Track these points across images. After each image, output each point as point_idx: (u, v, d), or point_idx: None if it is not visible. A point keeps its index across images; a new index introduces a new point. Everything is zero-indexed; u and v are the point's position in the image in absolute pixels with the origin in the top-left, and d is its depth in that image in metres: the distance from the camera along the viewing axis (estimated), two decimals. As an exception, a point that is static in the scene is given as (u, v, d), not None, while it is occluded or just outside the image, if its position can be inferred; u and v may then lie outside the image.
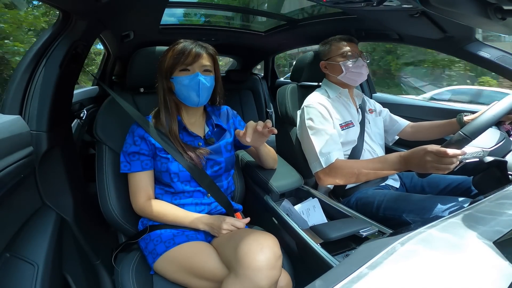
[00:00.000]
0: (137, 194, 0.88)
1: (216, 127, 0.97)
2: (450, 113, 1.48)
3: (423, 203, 0.92)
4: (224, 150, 0.94)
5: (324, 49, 1.20)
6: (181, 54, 0.84)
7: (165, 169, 0.87)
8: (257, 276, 0.62)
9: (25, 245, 0.77)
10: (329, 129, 1.08)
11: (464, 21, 0.77)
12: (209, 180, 0.91)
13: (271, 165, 1.08)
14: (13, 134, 0.72)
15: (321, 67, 1.22)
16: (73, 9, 0.84)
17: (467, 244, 0.44)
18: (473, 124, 0.83)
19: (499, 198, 0.59)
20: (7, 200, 0.70)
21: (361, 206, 1.05)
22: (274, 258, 0.65)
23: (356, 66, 1.13)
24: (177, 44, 0.87)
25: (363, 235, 0.82)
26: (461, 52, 1.17)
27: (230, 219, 0.83)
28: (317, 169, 1.06)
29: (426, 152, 0.82)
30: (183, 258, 0.78)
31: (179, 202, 0.89)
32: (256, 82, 2.69)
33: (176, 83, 0.87)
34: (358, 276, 0.39)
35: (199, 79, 0.85)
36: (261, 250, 0.65)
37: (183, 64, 0.84)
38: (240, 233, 0.76)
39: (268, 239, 0.70)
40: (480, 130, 0.81)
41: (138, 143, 0.88)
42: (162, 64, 0.88)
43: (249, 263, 0.63)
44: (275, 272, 0.65)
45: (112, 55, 1.84)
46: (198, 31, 1.93)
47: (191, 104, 0.89)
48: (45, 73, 0.83)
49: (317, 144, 1.06)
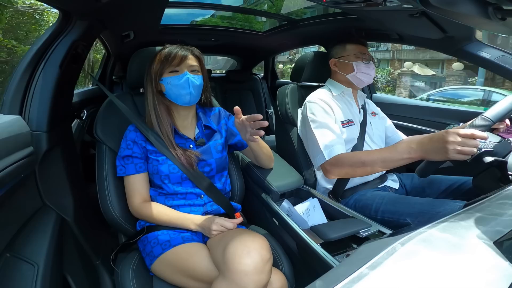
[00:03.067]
0: (133, 196, 0.90)
1: (206, 128, 0.99)
2: (450, 113, 1.48)
3: (422, 207, 0.92)
4: (214, 151, 0.95)
5: (339, 48, 1.20)
6: (168, 56, 0.87)
7: (156, 171, 0.89)
8: (243, 280, 0.61)
9: (26, 245, 0.77)
10: (332, 123, 1.08)
11: (464, 21, 0.77)
12: (208, 182, 0.92)
13: (267, 163, 1.07)
14: (13, 134, 0.72)
15: (330, 64, 1.22)
16: (73, 9, 0.84)
17: (468, 244, 0.44)
18: (495, 107, 0.82)
19: (500, 198, 0.59)
20: (8, 200, 0.70)
21: (359, 208, 1.05)
22: (261, 262, 0.64)
23: (367, 68, 1.14)
24: (164, 49, 0.90)
25: (363, 235, 0.82)
26: (461, 52, 1.17)
27: (220, 219, 0.83)
28: (321, 162, 1.04)
29: (448, 133, 0.76)
30: (178, 260, 0.78)
31: (172, 204, 0.90)
32: (256, 82, 2.69)
33: (166, 84, 0.89)
34: (358, 276, 0.38)
35: (188, 78, 0.88)
36: (247, 253, 0.64)
37: (171, 65, 0.88)
38: (229, 234, 0.76)
39: (256, 242, 0.68)
40: (502, 113, 0.80)
41: (131, 146, 0.90)
42: (151, 68, 0.91)
43: (235, 267, 0.63)
44: (263, 276, 0.64)
45: (112, 56, 1.84)
46: (198, 31, 1.93)
47: (182, 103, 0.91)
48: (45, 73, 0.83)
49: (320, 137, 1.05)
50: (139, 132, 0.91)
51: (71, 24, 0.86)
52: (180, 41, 0.93)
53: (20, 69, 0.82)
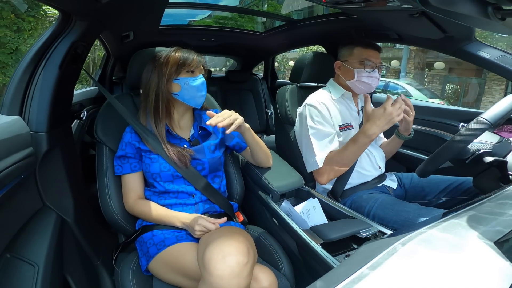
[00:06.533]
0: (127, 194, 0.93)
1: (202, 129, 1.00)
2: (450, 113, 1.48)
3: (408, 215, 0.94)
4: (207, 151, 0.96)
5: (346, 51, 1.17)
6: (186, 59, 0.90)
7: (147, 169, 0.92)
8: (220, 284, 0.62)
9: (26, 246, 0.77)
10: (329, 129, 1.09)
11: (463, 21, 0.77)
12: (204, 181, 0.93)
13: (265, 160, 1.07)
14: (13, 135, 0.72)
15: (335, 66, 1.20)
16: (73, 10, 0.84)
17: (468, 244, 0.44)
18: (493, 108, 0.82)
19: (500, 198, 0.59)
20: (8, 201, 0.70)
21: (354, 209, 1.06)
22: (237, 266, 0.64)
23: (369, 77, 1.11)
24: (176, 52, 0.92)
25: (364, 236, 0.82)
26: (461, 52, 1.17)
27: (202, 220, 0.83)
28: (313, 168, 1.10)
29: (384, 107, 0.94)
30: (171, 260, 0.80)
31: (164, 203, 0.92)
32: (256, 83, 2.69)
33: (182, 84, 0.90)
34: (359, 277, 0.38)
35: (203, 81, 0.93)
36: (222, 258, 0.64)
37: (189, 66, 0.90)
38: (210, 236, 0.76)
39: (232, 246, 0.68)
40: (500, 115, 0.80)
41: (124, 147, 0.92)
42: (163, 66, 0.90)
43: (211, 271, 0.63)
44: (240, 280, 0.63)
45: (112, 56, 1.84)
46: (198, 32, 1.93)
47: (194, 104, 0.94)
48: (45, 74, 0.83)
49: (316, 144, 1.08)
50: (134, 133, 0.93)
51: (71, 25, 0.86)
52: (182, 43, 0.93)
53: (20, 69, 0.82)
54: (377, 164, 1.19)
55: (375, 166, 1.18)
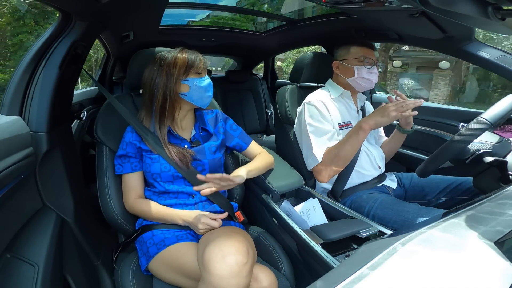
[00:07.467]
0: (128, 193, 0.93)
1: (203, 130, 1.00)
2: (450, 113, 1.48)
3: (407, 215, 0.94)
4: (208, 152, 0.96)
5: (342, 50, 1.19)
6: (194, 61, 0.90)
7: (148, 169, 0.91)
8: (219, 283, 0.62)
9: (26, 246, 0.77)
10: (328, 127, 1.10)
11: (463, 21, 0.77)
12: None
13: (268, 169, 1.08)
14: (13, 135, 0.72)
15: (333, 66, 1.21)
16: (73, 10, 0.84)
17: (468, 244, 0.44)
18: (493, 108, 0.82)
19: (500, 198, 0.59)
20: (8, 201, 0.70)
21: (354, 209, 1.06)
22: (237, 266, 0.64)
23: (369, 73, 1.13)
24: (182, 52, 0.92)
25: (364, 236, 0.82)
26: (461, 52, 1.17)
27: (205, 218, 0.83)
28: (314, 165, 1.10)
29: (384, 105, 0.98)
30: (171, 259, 0.80)
31: (164, 203, 0.92)
32: (256, 83, 2.69)
33: (191, 85, 0.91)
34: (359, 277, 0.38)
35: (210, 81, 0.94)
36: (222, 258, 0.65)
37: (197, 67, 0.91)
38: (210, 236, 0.76)
39: (232, 246, 0.68)
40: (500, 115, 0.80)
41: (125, 147, 0.92)
42: (172, 67, 0.89)
43: (211, 270, 0.63)
44: (239, 279, 0.64)
45: (112, 56, 1.84)
46: (198, 32, 1.93)
47: (201, 104, 0.94)
48: (45, 74, 0.83)
49: (315, 141, 1.09)
50: (135, 132, 0.92)
51: (71, 25, 0.86)
52: (182, 43, 0.93)
53: (20, 69, 0.82)
54: (376, 164, 1.19)
55: (374, 166, 1.18)
